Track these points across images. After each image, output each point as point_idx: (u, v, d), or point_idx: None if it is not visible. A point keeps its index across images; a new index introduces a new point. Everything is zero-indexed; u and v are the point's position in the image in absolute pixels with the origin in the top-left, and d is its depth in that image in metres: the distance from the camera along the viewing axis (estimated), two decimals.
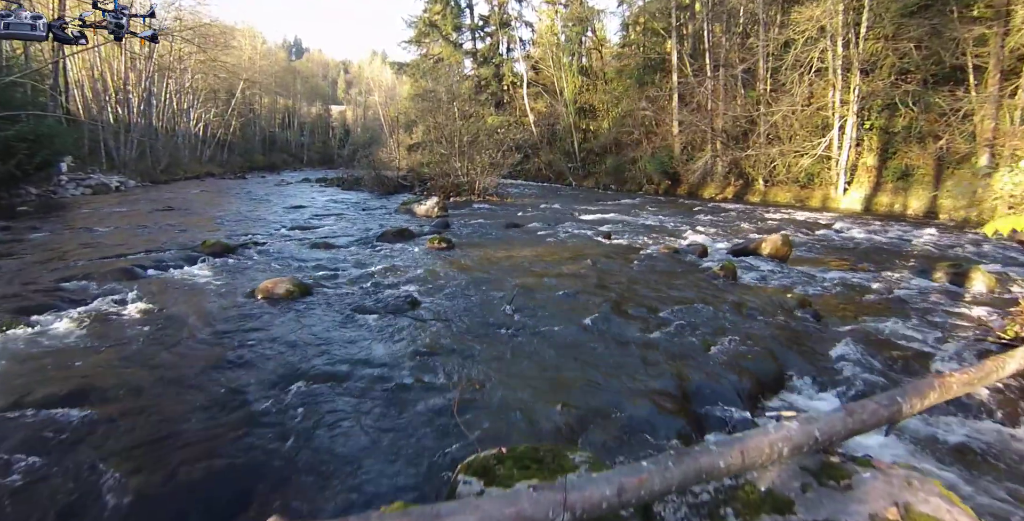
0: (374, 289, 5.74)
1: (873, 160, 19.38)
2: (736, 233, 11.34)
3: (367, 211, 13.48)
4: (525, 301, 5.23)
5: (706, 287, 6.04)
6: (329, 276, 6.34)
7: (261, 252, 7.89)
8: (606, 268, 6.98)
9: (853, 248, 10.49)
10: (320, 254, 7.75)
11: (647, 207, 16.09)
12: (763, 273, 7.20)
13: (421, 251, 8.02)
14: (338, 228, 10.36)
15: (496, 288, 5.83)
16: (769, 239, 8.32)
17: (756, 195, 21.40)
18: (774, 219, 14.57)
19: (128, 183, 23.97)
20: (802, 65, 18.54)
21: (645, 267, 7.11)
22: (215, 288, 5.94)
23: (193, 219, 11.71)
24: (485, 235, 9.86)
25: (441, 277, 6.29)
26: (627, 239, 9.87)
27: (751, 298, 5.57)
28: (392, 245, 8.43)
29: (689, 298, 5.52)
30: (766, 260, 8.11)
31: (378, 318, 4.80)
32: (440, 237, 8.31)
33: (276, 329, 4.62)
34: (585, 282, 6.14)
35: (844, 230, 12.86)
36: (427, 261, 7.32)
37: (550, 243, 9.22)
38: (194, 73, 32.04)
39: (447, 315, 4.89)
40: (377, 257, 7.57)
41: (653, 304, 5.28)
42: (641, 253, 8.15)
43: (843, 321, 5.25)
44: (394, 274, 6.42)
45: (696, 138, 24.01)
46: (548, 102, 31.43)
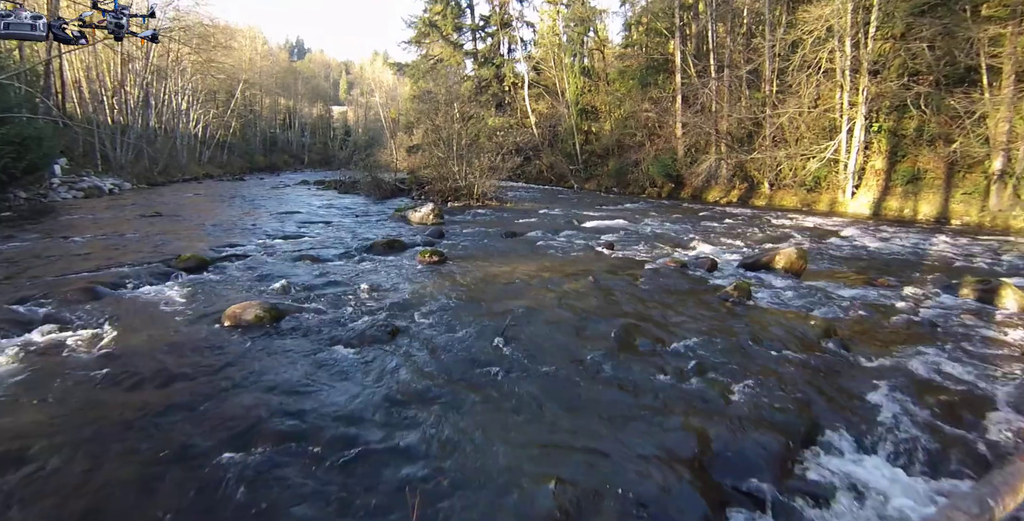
0: (353, 314, 5.16)
1: (882, 163, 18.75)
2: (745, 242, 10.74)
3: (360, 218, 12.91)
4: (519, 330, 4.65)
5: (719, 311, 5.45)
6: (307, 296, 5.76)
7: (240, 266, 7.32)
8: (609, 286, 6.39)
9: (868, 258, 9.89)
10: (302, 269, 7.18)
11: (650, 213, 15.49)
12: (778, 291, 6.60)
13: (411, 265, 7.44)
14: (327, 238, 9.78)
15: (488, 312, 5.25)
16: (783, 252, 7.72)
17: (761, 199, 20.78)
18: (782, 225, 13.96)
19: (123, 186, 23.43)
20: (810, 66, 17.89)
21: (651, 285, 6.52)
22: (180, 312, 5.36)
23: (178, 227, 11.16)
24: (481, 246, 9.28)
25: (428, 298, 5.71)
26: (631, 250, 9.27)
27: (770, 325, 4.97)
28: (380, 258, 7.85)
29: (701, 326, 4.93)
30: (780, 275, 7.52)
31: (352, 353, 4.22)
32: (432, 250, 7.73)
33: (237, 367, 4.05)
34: (586, 305, 5.55)
35: (855, 238, 12.25)
36: (416, 278, 6.74)
37: (549, 255, 8.63)
38: (192, 74, 31.50)
39: (430, 348, 4.31)
40: (363, 273, 6.99)
41: (661, 334, 4.69)
42: (646, 268, 7.56)
43: (874, 353, 4.65)
44: (378, 294, 5.84)
45: (700, 140, 23.37)
46: (550, 103, 30.80)
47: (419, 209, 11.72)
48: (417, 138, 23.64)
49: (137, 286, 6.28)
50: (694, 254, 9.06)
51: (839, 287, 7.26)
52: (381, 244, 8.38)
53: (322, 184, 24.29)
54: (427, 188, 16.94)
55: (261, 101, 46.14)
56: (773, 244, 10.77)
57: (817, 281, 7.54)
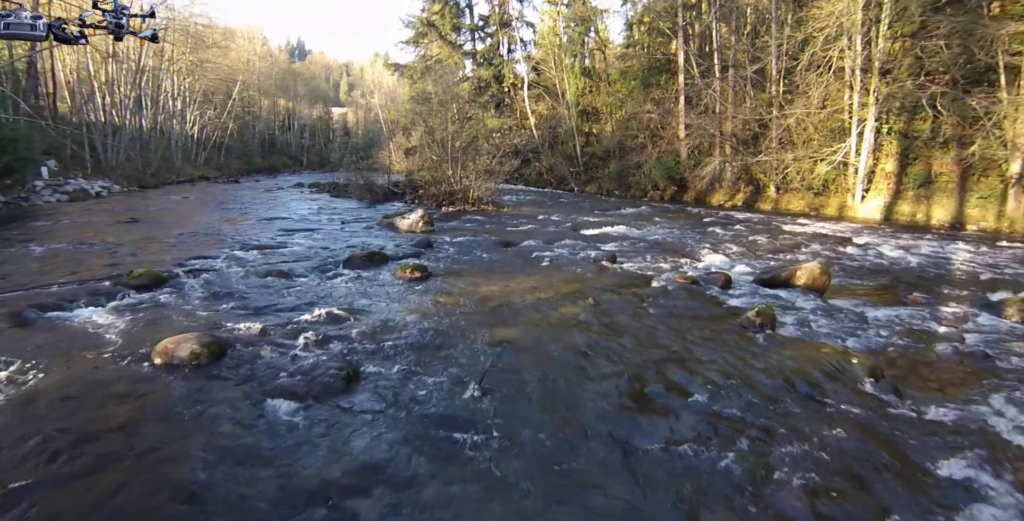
0: (309, 349, 4.31)
1: (892, 166, 17.89)
2: (756, 252, 9.88)
3: (347, 224, 12.05)
4: (503, 375, 3.80)
5: (741, 344, 4.59)
6: (262, 323, 4.91)
7: (200, 284, 6.48)
8: (611, 310, 5.53)
9: (890, 270, 9.04)
10: (267, 288, 6.33)
11: (654, 218, 14.61)
12: (804, 315, 5.74)
13: (389, 282, 6.59)
14: (305, 248, 8.94)
15: (469, 346, 4.41)
16: (805, 268, 6.87)
17: (767, 203, 19.91)
18: (792, 232, 13.10)
19: (113, 188, 22.62)
20: (819, 65, 17.01)
21: (660, 309, 5.66)
22: (109, 344, 4.53)
23: (150, 235, 10.32)
24: (471, 258, 8.42)
25: (402, 326, 4.86)
26: (634, 262, 8.41)
27: (805, 364, 4.11)
28: (358, 273, 7.00)
29: (723, 366, 4.07)
30: (802, 293, 6.66)
31: (295, 409, 3.37)
32: (414, 264, 6.87)
33: (151, 428, 3.22)
34: (585, 336, 4.70)
35: (872, 246, 11.38)
36: (392, 298, 5.89)
37: (546, 269, 7.78)
38: (185, 74, 30.69)
39: (391, 402, 3.46)
40: (333, 292, 6.15)
41: (675, 379, 3.84)
42: (653, 285, 6.69)
43: (932, 400, 3.80)
44: (342, 322, 4.99)
45: (704, 142, 22.49)
46: (550, 104, 29.90)
47: (408, 216, 10.87)
48: (415, 140, 22.79)
49: (74, 309, 5.44)
50: (703, 267, 8.21)
51: (868, 306, 6.40)
52: (360, 257, 7.52)
53: (316, 187, 23.44)
54: (421, 192, 16.11)
55: (259, 102, 45.31)
56: (786, 254, 9.92)
57: (842, 299, 6.69)
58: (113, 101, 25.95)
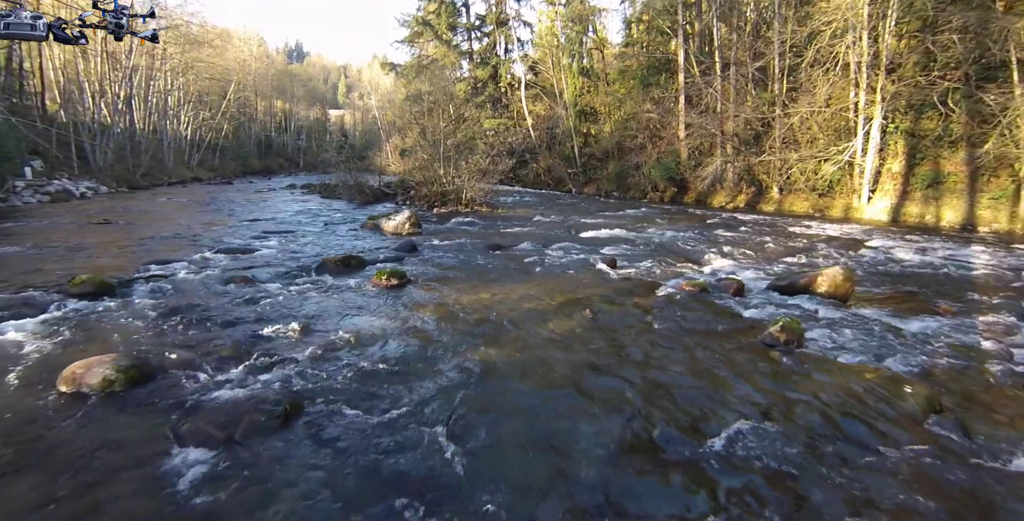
0: (249, 375, 3.55)
1: (899, 166, 17.16)
2: (766, 255, 9.12)
3: (330, 226, 11.29)
4: (478, 414, 3.04)
5: (766, 367, 3.83)
6: (202, 341, 4.16)
7: (151, 292, 5.72)
8: (612, 325, 4.78)
9: (911, 275, 8.30)
10: (223, 297, 5.57)
11: (655, 219, 13.85)
12: (831, 328, 4.98)
13: (361, 291, 5.82)
14: (278, 252, 8.18)
15: (440, 373, 3.65)
16: (826, 274, 6.11)
17: (770, 204, 19.17)
18: (800, 234, 12.37)
19: (99, 189, 21.88)
20: (826, 61, 16.28)
21: (667, 322, 4.90)
22: (17, 365, 3.77)
23: (119, 237, 9.57)
24: (457, 263, 7.65)
25: (363, 347, 4.11)
26: (636, 267, 7.65)
27: (847, 394, 3.35)
28: (328, 280, 6.25)
29: (746, 399, 3.31)
30: (824, 302, 5.91)
31: (211, 458, 2.61)
32: (391, 271, 6.10)
33: (17, 482, 2.46)
34: (582, 359, 3.94)
35: (886, 249, 10.64)
36: (360, 311, 5.13)
37: (539, 275, 7.01)
38: (177, 74, 29.94)
39: (332, 450, 2.70)
40: (296, 302, 5.38)
41: (689, 418, 3.08)
42: (658, 293, 5.93)
43: (1003, 437, 3.05)
44: (296, 340, 4.24)
45: (704, 142, 21.75)
46: (547, 105, 29.15)
47: (394, 217, 10.11)
48: (410, 141, 22.03)
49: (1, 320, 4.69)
50: (711, 272, 7.45)
51: (899, 318, 5.65)
52: (333, 262, 6.76)
53: (308, 188, 22.74)
54: (413, 193, 15.34)
55: (255, 104, 44.52)
56: (798, 257, 9.16)
57: (869, 308, 5.93)
58: (102, 100, 25.16)
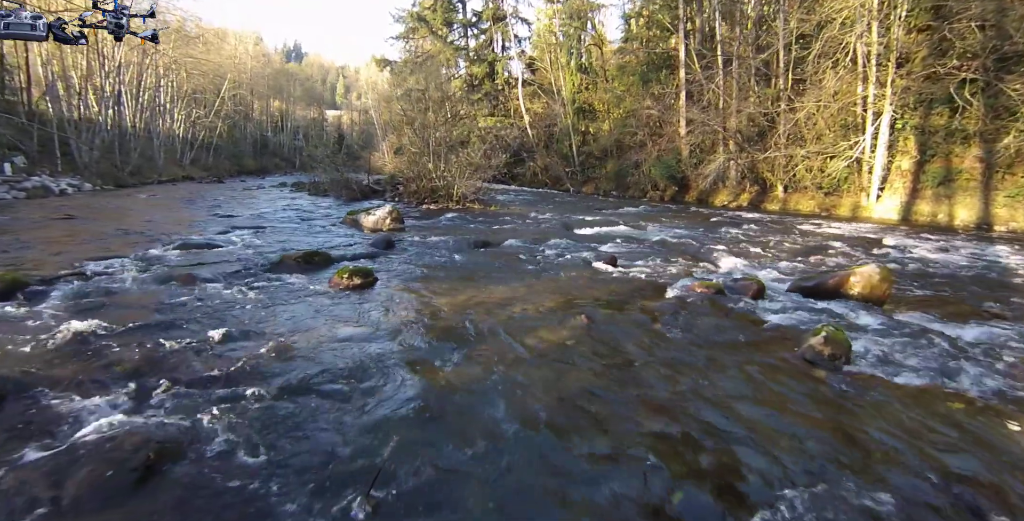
0: (125, 403, 2.63)
1: (909, 163, 16.25)
2: (779, 254, 8.20)
3: (309, 221, 10.38)
4: (418, 473, 2.10)
5: (811, 392, 2.90)
6: (91, 354, 3.24)
7: (67, 292, 4.80)
8: (612, 334, 3.85)
9: (943, 276, 7.39)
10: (153, 298, 4.65)
11: (657, 217, 12.92)
12: (880, 339, 4.06)
13: (317, 292, 4.91)
14: (241, 247, 7.26)
15: (382, 402, 2.73)
16: (860, 273, 5.19)
17: (774, 203, 18.27)
18: (811, 232, 11.46)
19: (83, 187, 20.94)
20: (835, 52, 15.39)
21: (679, 331, 3.97)
22: None
23: (74, 232, 8.66)
24: (436, 261, 6.73)
25: (293, 363, 3.19)
26: (639, 266, 6.73)
27: (934, 434, 2.43)
28: (283, 279, 5.32)
29: (795, 441, 2.38)
30: (857, 305, 4.99)
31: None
32: (355, 269, 5.18)
33: None
34: (570, 384, 3.01)
35: (906, 248, 9.73)
36: (306, 317, 4.20)
37: (528, 274, 6.10)
38: (168, 70, 29.03)
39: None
40: (232, 306, 4.46)
41: (722, 474, 2.15)
42: (666, 296, 5.00)
43: None
44: (210, 355, 3.31)
45: (706, 140, 20.84)
46: (545, 103, 28.25)
47: (374, 212, 9.21)
48: (405, 139, 21.12)
49: None
50: (723, 272, 6.53)
51: (949, 324, 4.74)
52: (294, 258, 5.84)
53: (298, 186, 21.90)
54: (401, 189, 14.42)
55: (251, 103, 43.59)
56: (814, 256, 8.24)
57: (910, 313, 5.02)
58: (89, 96, 24.23)
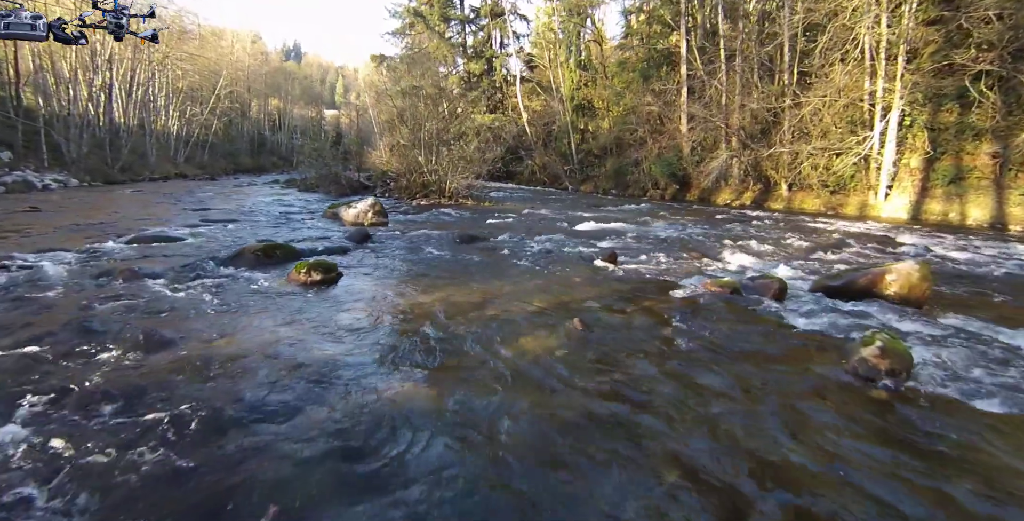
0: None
1: (917, 161, 15.52)
2: (793, 251, 7.49)
3: (289, 214, 9.67)
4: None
5: (878, 425, 2.19)
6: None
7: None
8: (610, 342, 3.13)
9: (975, 275, 6.67)
10: (81, 295, 3.95)
11: (659, 214, 12.22)
12: (935, 349, 3.35)
13: (271, 290, 4.20)
14: (204, 240, 6.56)
15: (314, 439, 2.02)
16: (897, 270, 4.47)
17: (779, 201, 17.54)
18: (821, 230, 10.76)
19: (69, 182, 20.29)
20: (844, 43, 14.69)
21: (695, 341, 3.24)
22: None
23: (31, 224, 7.97)
24: (414, 256, 6.01)
25: (216, 379, 2.47)
26: (642, 263, 6.01)
27: None
28: (235, 274, 4.62)
29: (876, 506, 1.67)
30: (897, 308, 4.28)
31: None
32: (315, 263, 4.48)
33: None
34: (558, 412, 2.28)
35: (925, 246, 9.01)
36: (252, 319, 3.49)
37: (516, 272, 5.38)
38: (163, 67, 28.33)
39: None
40: (166, 306, 3.75)
41: None
42: (675, 296, 4.28)
43: None
44: (131, 364, 2.60)
45: (708, 137, 20.13)
46: (544, 100, 27.54)
47: (355, 205, 8.51)
48: (397, 133, 20.43)
49: None
50: (736, 270, 5.82)
51: (1000, 329, 4.03)
52: (254, 251, 5.13)
53: (291, 183, 21.31)
54: (392, 185, 13.72)
55: (248, 101, 42.86)
56: (829, 253, 7.52)
57: (956, 316, 4.30)
58: (80, 91, 23.53)
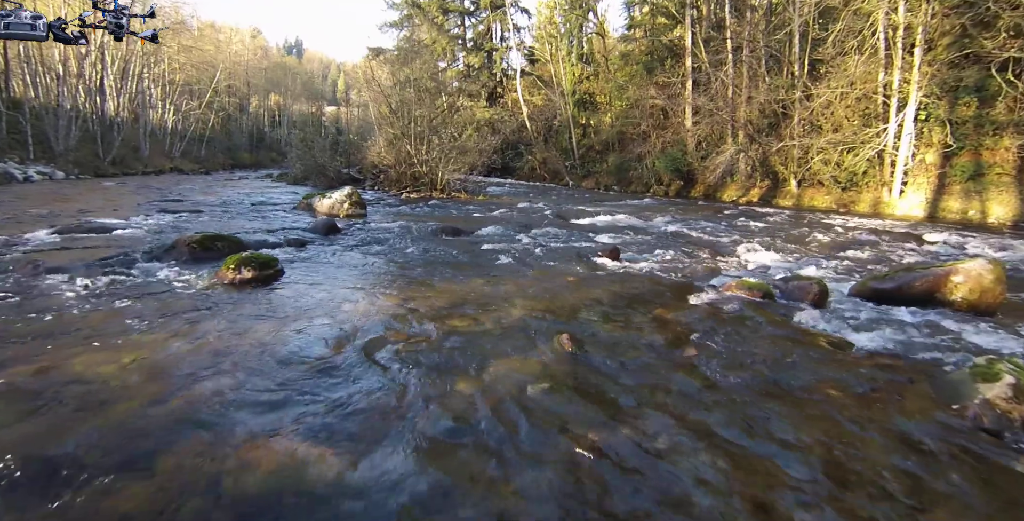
0: None
1: (934, 157, 14.58)
2: (818, 249, 6.60)
3: (260, 206, 8.83)
4: None
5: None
6: None
7: None
8: (606, 378, 2.26)
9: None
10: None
11: (664, 209, 11.32)
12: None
13: (189, 288, 3.36)
14: (141, 232, 5.72)
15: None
16: (965, 270, 3.59)
17: (787, 198, 16.63)
18: (840, 226, 9.86)
19: (55, 175, 19.52)
20: (860, 31, 13.76)
21: (724, 368, 2.36)
22: None
23: None
24: (380, 251, 5.15)
25: (72, 419, 1.64)
26: (648, 260, 5.14)
27: None
28: (158, 270, 3.78)
29: None
30: (962, 314, 3.41)
31: None
32: (250, 258, 3.63)
33: None
34: (532, 496, 1.44)
35: (956, 244, 8.11)
36: (140, 326, 2.65)
37: (498, 270, 4.52)
38: (157, 60, 27.53)
39: None
40: (51, 305, 2.91)
41: None
42: (691, 302, 3.41)
43: None
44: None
45: (714, 131, 19.21)
46: (545, 95, 26.62)
47: (330, 195, 7.68)
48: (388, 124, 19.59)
49: None
50: (758, 269, 4.94)
51: None
52: (189, 243, 4.27)
53: (283, 177, 20.58)
54: (382, 177, 12.88)
55: (246, 96, 42.03)
56: (857, 252, 6.63)
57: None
58: (67, 82, 22.73)
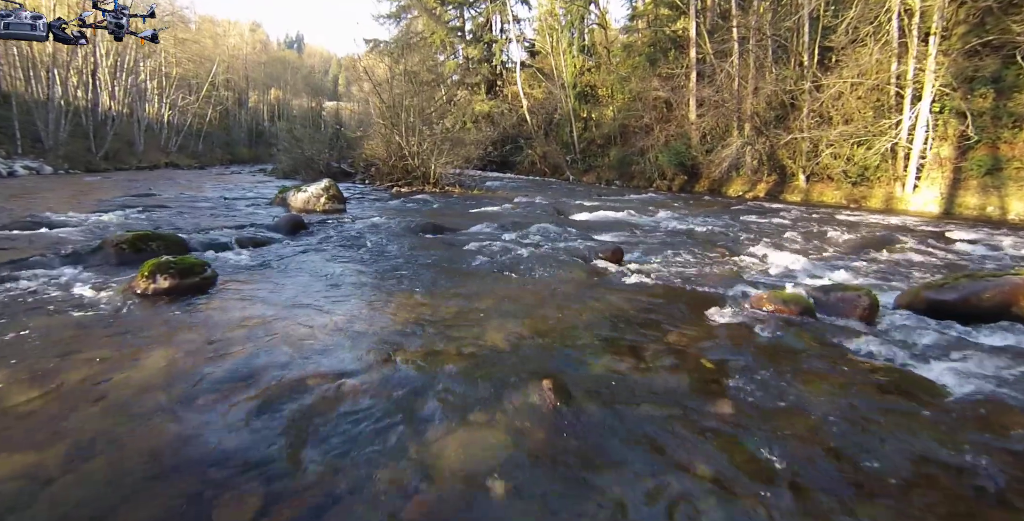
0: None
1: (949, 150, 13.81)
2: (840, 250, 5.89)
3: (233, 202, 8.16)
4: None
5: None
6: None
7: None
8: (601, 462, 1.60)
9: None
10: None
11: (669, 204, 10.60)
12: None
13: (90, 300, 2.71)
14: (78, 230, 5.07)
15: None
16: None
17: (795, 193, 15.89)
18: (859, 223, 9.16)
19: (43, 170, 18.90)
20: (875, 17, 12.99)
21: (771, 437, 1.70)
22: None
23: None
24: (346, 253, 4.46)
25: None
26: (655, 264, 4.45)
27: None
28: (66, 275, 3.13)
29: None
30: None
31: None
32: (167, 263, 2.93)
33: None
34: None
35: (987, 243, 7.39)
36: (24, 357, 2.00)
37: (478, 276, 3.85)
38: (152, 53, 26.82)
39: None
40: None
41: None
42: (712, 320, 2.74)
43: None
44: None
45: (719, 124, 18.44)
46: (545, 88, 25.85)
47: (306, 189, 7.04)
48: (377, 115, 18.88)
49: None
50: (781, 273, 4.24)
51: None
52: (117, 244, 3.60)
53: (275, 171, 19.92)
54: (373, 171, 12.21)
55: (245, 91, 41.30)
56: (886, 252, 5.93)
57: None
58: (57, 74, 22.06)
